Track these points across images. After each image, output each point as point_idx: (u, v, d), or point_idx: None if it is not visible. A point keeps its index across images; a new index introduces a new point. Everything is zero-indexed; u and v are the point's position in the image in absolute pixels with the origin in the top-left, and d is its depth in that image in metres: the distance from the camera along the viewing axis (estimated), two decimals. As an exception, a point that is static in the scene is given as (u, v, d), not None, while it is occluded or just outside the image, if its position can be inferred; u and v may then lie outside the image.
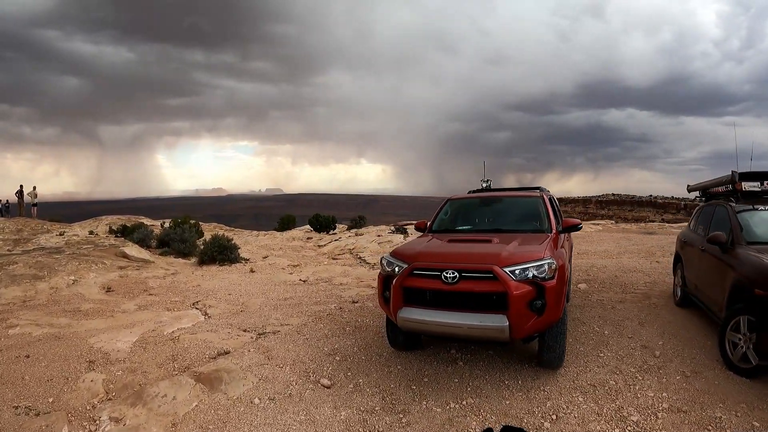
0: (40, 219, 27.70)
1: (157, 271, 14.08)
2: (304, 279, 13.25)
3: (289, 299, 10.79)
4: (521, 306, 5.47)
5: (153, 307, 10.19)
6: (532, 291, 5.57)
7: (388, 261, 6.72)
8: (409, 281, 6.14)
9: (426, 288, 6.00)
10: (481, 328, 5.47)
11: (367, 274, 13.91)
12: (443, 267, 5.95)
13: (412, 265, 6.22)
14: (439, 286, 5.82)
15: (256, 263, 15.98)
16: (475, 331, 5.53)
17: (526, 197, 8.61)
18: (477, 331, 5.51)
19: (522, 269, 5.66)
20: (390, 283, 6.40)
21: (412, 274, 6.16)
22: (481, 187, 9.85)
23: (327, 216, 30.43)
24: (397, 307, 6.15)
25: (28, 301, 10.83)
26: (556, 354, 6.13)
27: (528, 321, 5.51)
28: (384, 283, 6.62)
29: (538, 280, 5.62)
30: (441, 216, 8.69)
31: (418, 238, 7.97)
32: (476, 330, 5.51)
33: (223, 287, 12.12)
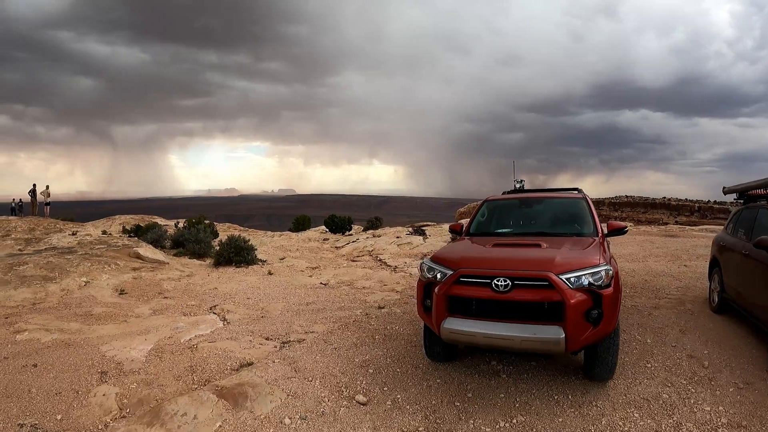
0: (52, 218, 27.36)
1: (172, 272, 13.55)
2: (324, 282, 12.66)
3: (312, 304, 10.20)
4: (578, 316, 5.07)
5: (168, 311, 9.64)
6: (589, 300, 5.17)
7: (429, 266, 6.16)
8: (455, 289, 5.62)
9: (474, 297, 5.49)
10: (536, 340, 5.06)
11: (389, 278, 13.30)
12: (494, 274, 5.44)
13: (458, 272, 5.69)
14: (489, 294, 5.38)
15: (274, 265, 15.41)
16: (528, 344, 5.12)
17: (569, 198, 8.08)
18: (530, 343, 5.11)
19: (578, 276, 5.25)
20: (431, 291, 5.89)
21: (459, 281, 5.64)
22: (514, 188, 9.29)
23: (342, 217, 29.87)
24: (441, 317, 5.62)
25: (38, 303, 10.33)
26: (608, 367, 5.73)
27: (584, 332, 5.12)
28: (424, 290, 6.09)
29: (595, 289, 5.22)
30: (478, 218, 8.13)
31: (456, 241, 7.38)
32: (530, 343, 5.10)
33: (241, 290, 11.56)
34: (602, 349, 5.57)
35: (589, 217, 7.33)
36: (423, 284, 6.15)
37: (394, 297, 10.89)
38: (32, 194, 28.70)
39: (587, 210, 7.50)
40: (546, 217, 7.92)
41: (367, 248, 19.48)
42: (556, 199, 8.29)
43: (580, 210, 7.61)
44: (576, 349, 5.29)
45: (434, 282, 5.91)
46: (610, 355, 5.62)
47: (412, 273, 13.92)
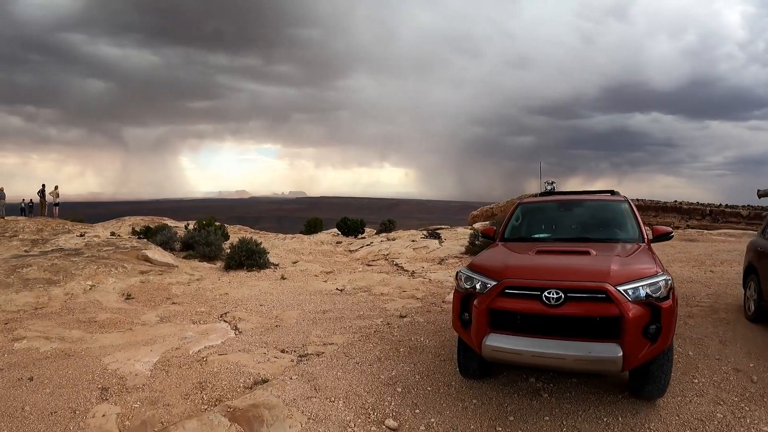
0: (61, 219, 26.96)
1: (181, 276, 12.99)
2: (340, 288, 12.04)
3: (329, 312, 9.58)
4: (636, 332, 4.63)
5: (176, 318, 9.05)
6: (647, 314, 4.72)
7: (467, 276, 5.57)
8: (499, 302, 5.07)
9: (520, 311, 4.95)
10: (591, 360, 4.59)
11: (408, 284, 12.66)
12: (544, 285, 4.90)
13: (503, 283, 5.13)
14: (538, 308, 4.87)
15: (287, 269, 14.82)
16: (582, 364, 4.68)
17: (611, 201, 7.47)
18: (585, 363, 4.65)
19: (635, 288, 4.79)
20: (469, 304, 5.36)
21: (504, 293, 5.08)
22: (544, 190, 8.66)
23: (355, 219, 29.24)
24: (483, 333, 5.08)
25: (39, 308, 9.79)
26: (660, 385, 5.20)
27: (642, 349, 4.67)
28: (462, 303, 5.54)
29: (653, 301, 4.77)
30: (512, 222, 7.49)
31: (491, 248, 6.74)
32: (584, 362, 4.64)
33: (253, 296, 10.96)
34: (655, 367, 5.04)
35: (633, 222, 6.80)
36: (460, 296, 5.58)
37: (415, 305, 10.25)
38: (41, 195, 28.32)
39: (631, 214, 6.96)
40: (587, 221, 7.32)
41: (382, 252, 18.85)
42: (597, 201, 7.66)
43: (623, 213, 7.07)
44: (632, 368, 4.81)
45: (473, 293, 5.36)
46: (664, 373, 5.11)
47: (431, 278, 13.30)
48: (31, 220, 23.96)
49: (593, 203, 7.64)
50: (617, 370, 4.62)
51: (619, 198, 7.50)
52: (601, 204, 7.55)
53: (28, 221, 23.52)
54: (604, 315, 4.64)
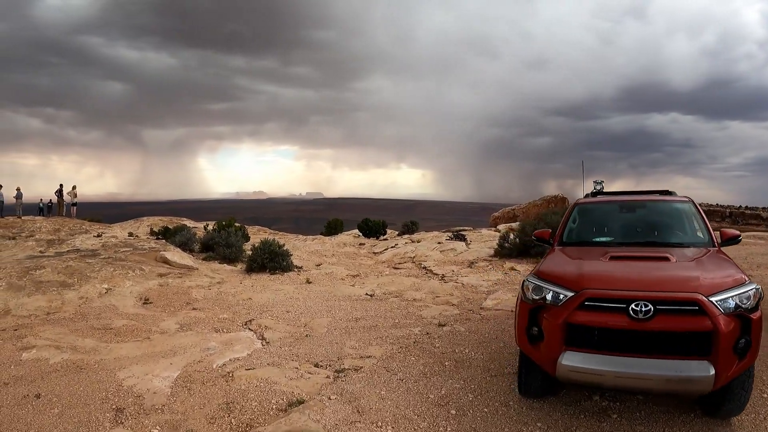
0: (79, 219, 26.56)
1: (201, 279, 12.33)
2: (370, 293, 11.30)
3: (361, 320, 8.84)
4: (728, 348, 4.21)
5: (198, 326, 8.36)
6: (737, 327, 4.31)
7: (536, 285, 4.89)
8: (579, 316, 4.46)
9: (602, 325, 4.36)
10: (681, 380, 4.13)
11: (440, 288, 11.89)
12: (631, 297, 4.32)
13: (583, 293, 4.50)
14: (624, 323, 4.32)
15: (311, 272, 14.09)
16: (671, 385, 4.20)
17: (677, 202, 6.89)
18: (674, 384, 4.19)
19: (725, 299, 4.35)
20: (539, 316, 4.73)
21: (583, 305, 4.46)
22: (594, 190, 7.93)
23: (377, 221, 28.46)
24: (557, 350, 4.50)
25: (52, 313, 9.16)
26: (740, 403, 4.70)
27: (731, 366, 4.25)
28: (530, 315, 4.86)
29: (743, 312, 4.35)
30: (570, 224, 6.77)
31: (554, 253, 6.01)
32: (674, 383, 4.17)
33: (278, 302, 10.24)
34: (737, 384, 4.53)
35: (702, 224, 6.27)
36: (528, 308, 4.90)
37: (453, 312, 9.49)
38: (59, 194, 27.95)
39: (698, 215, 6.45)
40: (652, 223, 6.71)
41: (408, 254, 18.07)
42: (661, 202, 7.06)
43: (690, 215, 6.55)
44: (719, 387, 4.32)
45: (544, 305, 4.72)
46: (745, 390, 4.59)
47: (463, 283, 12.52)
48: (48, 220, 23.54)
49: (657, 204, 7.04)
50: (707, 391, 4.19)
51: (683, 198, 6.94)
52: (666, 205, 6.96)
53: (45, 221, 23.09)
54: (696, 329, 4.19)
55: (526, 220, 38.50)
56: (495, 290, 11.52)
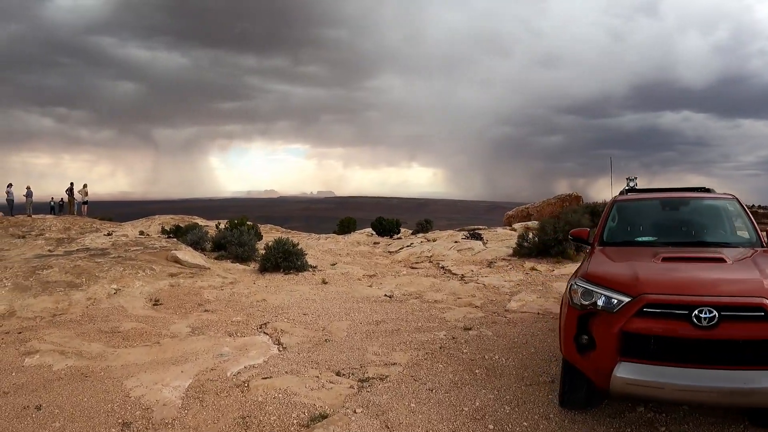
0: (90, 217, 26.30)
1: (214, 279, 11.90)
2: (389, 294, 10.81)
3: (382, 323, 8.36)
4: None
5: (210, 329, 7.92)
6: None
7: (586, 289, 4.43)
8: (637, 323, 4.04)
9: (662, 334, 4.00)
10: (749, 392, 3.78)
11: (461, 289, 11.39)
12: (695, 302, 3.94)
13: (641, 299, 4.08)
14: (686, 330, 3.96)
15: (326, 272, 13.62)
16: (737, 398, 3.86)
17: (721, 199, 6.49)
18: (741, 397, 3.84)
19: None
20: (590, 323, 4.33)
21: (642, 312, 4.04)
22: (628, 187, 7.48)
23: (391, 219, 27.98)
24: (612, 361, 4.08)
25: (58, 315, 8.78)
26: None
27: None
28: (579, 322, 4.41)
29: None
30: (609, 223, 6.29)
31: (598, 254, 5.54)
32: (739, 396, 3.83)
33: (294, 303, 9.78)
34: None
35: (749, 223, 5.91)
36: (577, 314, 4.45)
37: (477, 314, 9.00)
38: (69, 193, 27.71)
39: (744, 214, 6.07)
40: (696, 221, 6.33)
41: (424, 254, 17.58)
42: (705, 200, 6.64)
43: (736, 214, 6.22)
44: None
45: (595, 312, 4.29)
46: None
47: (485, 284, 12.01)
48: (59, 219, 23.28)
49: (701, 201, 6.63)
50: None
51: (727, 196, 6.54)
52: (710, 202, 6.56)
53: (56, 220, 22.83)
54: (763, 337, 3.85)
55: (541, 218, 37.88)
56: (518, 291, 11.02)
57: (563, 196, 44.82)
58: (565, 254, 14.92)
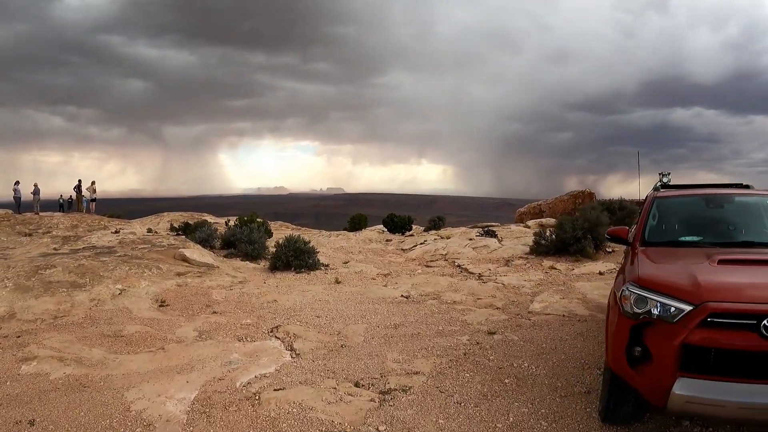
0: (98, 215, 25.99)
1: (222, 278, 11.46)
2: (405, 294, 10.32)
3: (401, 326, 7.87)
4: None
5: (218, 333, 7.46)
6: None
7: (640, 296, 4.00)
8: (699, 335, 3.63)
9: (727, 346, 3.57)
10: None
11: (480, 289, 10.89)
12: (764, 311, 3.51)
13: (705, 307, 3.64)
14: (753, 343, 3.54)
15: (339, 271, 13.14)
16: None
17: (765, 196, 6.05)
18: None
19: None
20: (644, 334, 3.90)
21: (705, 322, 3.62)
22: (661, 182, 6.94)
23: (402, 216, 27.42)
24: (670, 377, 3.66)
25: (60, 317, 8.36)
26: None
27: None
28: (632, 333, 3.96)
29: None
30: (650, 221, 5.77)
31: (645, 256, 5.02)
32: None
33: (306, 304, 9.31)
34: None
35: None
36: (630, 324, 3.97)
37: (500, 317, 8.51)
38: (77, 190, 27.41)
39: None
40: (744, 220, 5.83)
41: (439, 251, 17.06)
42: (752, 196, 6.22)
43: None
44: None
45: (651, 321, 3.85)
46: None
47: (504, 283, 11.51)
48: (67, 216, 22.98)
49: (746, 199, 6.19)
50: None
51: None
52: (757, 200, 6.10)
53: (63, 217, 22.54)
54: None
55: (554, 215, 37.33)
56: (539, 292, 10.53)
57: (576, 192, 44.15)
58: (584, 252, 14.40)
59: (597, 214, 15.97)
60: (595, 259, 14.07)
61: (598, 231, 14.84)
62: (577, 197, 45.23)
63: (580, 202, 45.23)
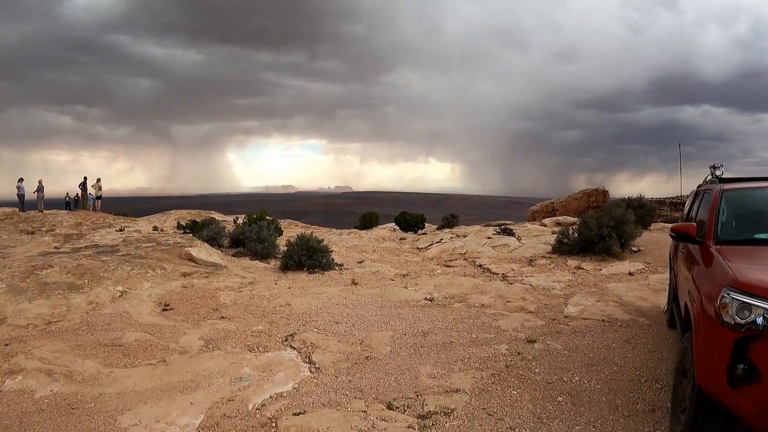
0: (103, 213, 25.32)
1: (231, 279, 10.71)
2: (429, 297, 9.52)
3: (430, 334, 7.07)
4: None
5: (226, 342, 6.68)
6: None
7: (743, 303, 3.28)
8: None
9: None
10: None
11: (508, 291, 10.08)
12: None
13: None
14: None
15: (354, 271, 12.35)
16: None
17: None
18: None
19: None
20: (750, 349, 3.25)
21: None
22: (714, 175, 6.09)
23: (415, 214, 26.58)
24: None
25: (54, 322, 7.64)
26: None
27: None
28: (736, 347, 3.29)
29: None
30: (720, 217, 4.94)
31: (727, 255, 4.19)
32: None
33: (323, 307, 8.52)
34: None
35: None
36: (733, 336, 3.27)
37: (536, 322, 7.72)
38: (82, 188, 26.74)
39: None
40: None
41: (457, 251, 16.24)
42: None
43: None
44: None
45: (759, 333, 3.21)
46: None
47: (531, 284, 10.71)
48: (71, 214, 22.31)
49: None
50: None
51: None
52: None
53: (68, 215, 21.85)
54: None
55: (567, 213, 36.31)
56: (571, 294, 9.74)
57: (589, 190, 43.21)
58: (610, 252, 13.57)
59: (622, 211, 15.12)
60: (622, 259, 13.23)
61: (623, 229, 14.03)
62: (590, 195, 44.22)
63: (593, 201, 44.22)
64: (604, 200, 42.67)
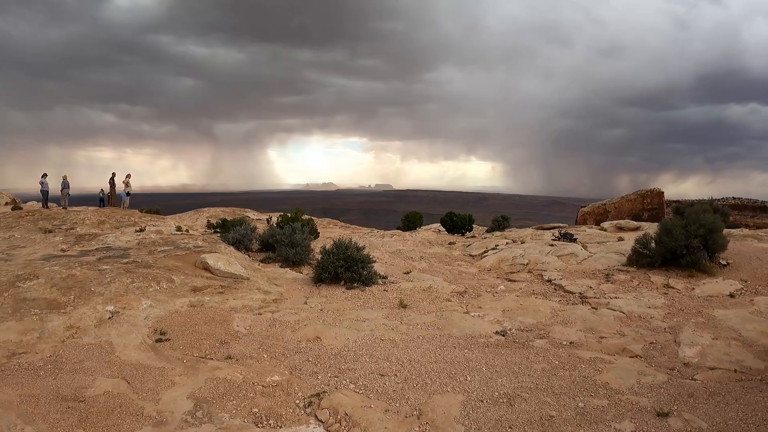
0: (131, 209, 23.95)
1: (251, 295, 8.80)
2: (501, 331, 7.40)
3: (517, 400, 4.96)
4: None
5: (225, 406, 4.70)
6: None
7: None
8: None
9: None
10: None
11: (598, 322, 7.96)
12: None
13: None
14: None
15: (401, 286, 10.23)
16: None
17: None
18: None
19: None
20: None
21: None
22: None
23: (463, 215, 24.30)
24: None
25: (18, 354, 5.92)
26: None
27: None
28: None
29: None
30: None
31: None
32: None
33: (362, 346, 6.47)
34: None
35: None
36: None
37: (653, 375, 5.64)
38: (111, 183, 25.43)
39: None
40: None
41: (518, 260, 14.00)
42: None
43: None
44: None
45: None
46: None
47: (622, 310, 8.53)
48: (97, 212, 20.91)
49: None
50: None
51: None
52: None
53: (93, 212, 20.44)
54: None
55: (620, 215, 33.27)
56: (677, 326, 7.67)
57: (643, 191, 40.21)
58: (698, 266, 11.24)
59: (713, 218, 12.71)
60: (712, 275, 10.91)
61: (714, 239, 11.68)
62: (645, 197, 41.12)
63: (648, 203, 41.06)
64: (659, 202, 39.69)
